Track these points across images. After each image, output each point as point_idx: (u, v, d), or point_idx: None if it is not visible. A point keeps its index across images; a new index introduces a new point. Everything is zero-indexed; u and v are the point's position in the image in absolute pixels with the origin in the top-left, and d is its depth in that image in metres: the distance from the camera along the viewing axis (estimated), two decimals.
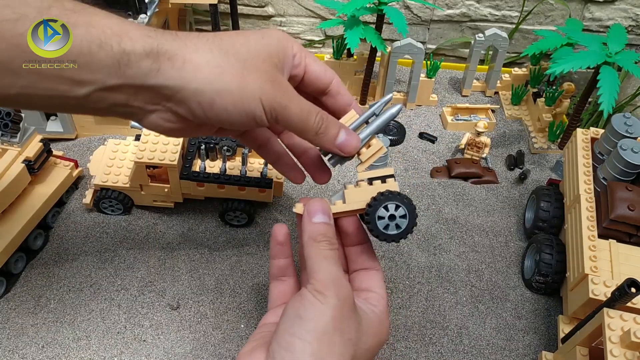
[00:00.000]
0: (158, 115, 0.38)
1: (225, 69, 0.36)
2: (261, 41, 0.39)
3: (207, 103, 0.36)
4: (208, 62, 0.36)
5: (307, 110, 0.39)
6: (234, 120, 0.37)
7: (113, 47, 0.33)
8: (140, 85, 0.35)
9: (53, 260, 0.67)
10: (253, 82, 0.37)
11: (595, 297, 0.53)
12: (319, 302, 0.35)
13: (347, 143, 0.41)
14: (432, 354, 0.60)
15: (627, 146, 0.64)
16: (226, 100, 0.36)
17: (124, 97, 0.35)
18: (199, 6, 1.02)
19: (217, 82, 0.36)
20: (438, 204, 0.77)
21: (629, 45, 1.06)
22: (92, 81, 0.34)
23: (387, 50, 0.89)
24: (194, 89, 0.35)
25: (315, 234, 0.39)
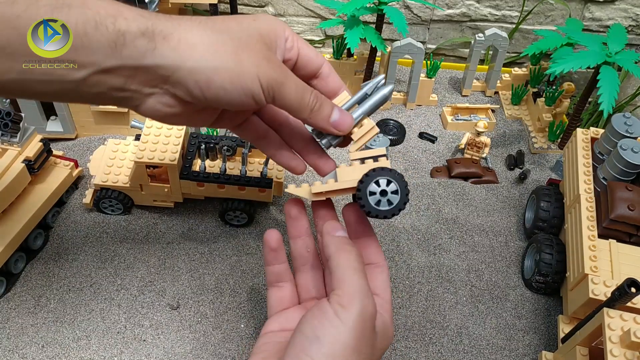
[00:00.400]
0: (156, 99, 0.37)
1: (220, 47, 0.36)
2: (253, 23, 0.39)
3: (204, 81, 0.36)
4: (203, 41, 0.36)
5: (303, 88, 0.39)
6: (232, 99, 0.37)
7: (108, 28, 0.33)
8: (137, 65, 0.35)
9: (53, 260, 0.67)
10: (249, 59, 0.37)
11: (595, 297, 0.53)
12: (340, 322, 0.34)
13: (341, 121, 0.41)
14: (432, 353, 0.60)
15: (627, 146, 0.64)
16: (223, 77, 0.36)
17: (121, 79, 0.35)
18: (199, 6, 1.02)
19: (213, 59, 0.36)
20: (438, 203, 0.77)
21: (629, 45, 1.06)
22: (89, 63, 0.34)
23: (387, 50, 0.89)
24: (190, 67, 0.35)
25: (343, 244, 0.39)
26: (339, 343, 0.33)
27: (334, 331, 0.34)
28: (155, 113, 0.38)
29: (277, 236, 0.44)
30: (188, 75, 0.35)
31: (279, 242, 0.44)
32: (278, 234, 0.44)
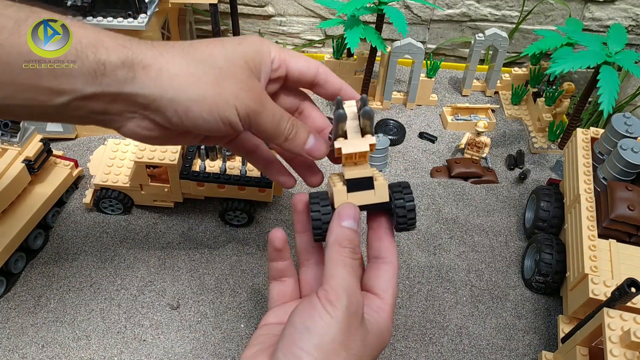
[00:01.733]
0: (136, 123, 0.38)
1: (200, 77, 0.37)
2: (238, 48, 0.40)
3: (182, 111, 0.37)
4: (183, 71, 0.37)
5: (279, 117, 0.40)
6: (210, 127, 0.38)
7: (89, 57, 0.34)
8: (117, 93, 0.36)
9: (53, 260, 0.67)
10: (228, 90, 0.38)
11: (595, 296, 0.53)
12: (328, 315, 0.35)
13: (314, 148, 0.42)
14: (432, 353, 0.60)
15: (627, 146, 0.64)
16: (201, 107, 0.37)
17: (101, 105, 0.36)
18: (199, 6, 1.02)
19: (192, 90, 0.37)
20: (438, 203, 0.77)
21: (629, 45, 1.06)
22: (70, 90, 0.35)
23: (387, 50, 0.89)
24: (170, 97, 0.36)
25: (341, 238, 0.39)
26: (328, 335, 0.34)
27: (323, 323, 0.34)
28: (135, 135, 0.39)
29: (282, 236, 0.44)
30: (167, 105, 0.37)
31: (284, 242, 0.44)
32: (283, 234, 0.44)
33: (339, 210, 0.40)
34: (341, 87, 0.46)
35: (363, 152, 0.40)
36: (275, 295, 0.45)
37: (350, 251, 0.38)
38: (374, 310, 0.40)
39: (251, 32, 1.13)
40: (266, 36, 1.13)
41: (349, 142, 0.40)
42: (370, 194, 0.41)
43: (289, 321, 0.36)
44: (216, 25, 0.77)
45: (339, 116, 0.39)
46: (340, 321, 0.35)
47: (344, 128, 0.40)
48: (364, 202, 0.41)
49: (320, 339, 0.34)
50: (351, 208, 0.40)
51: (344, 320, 0.35)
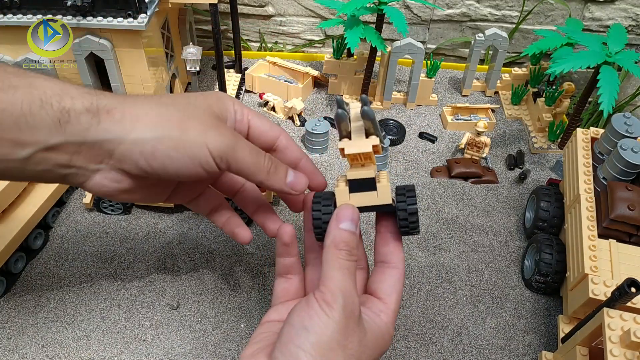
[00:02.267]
0: (102, 175, 0.38)
1: (165, 118, 0.37)
2: (201, 97, 0.40)
3: (148, 152, 0.36)
4: (147, 113, 0.37)
5: (257, 151, 0.40)
6: (180, 168, 0.37)
7: (53, 106, 0.34)
8: (82, 141, 0.35)
9: (53, 260, 0.67)
10: (195, 128, 0.37)
11: (595, 296, 0.53)
12: (325, 315, 0.35)
13: (296, 182, 0.42)
14: (432, 353, 0.60)
15: (627, 146, 0.64)
16: (168, 145, 0.36)
17: (66, 156, 0.36)
18: (199, 6, 1.02)
19: (157, 129, 0.36)
20: (438, 203, 0.77)
21: (629, 45, 1.06)
22: (34, 142, 0.34)
23: (387, 50, 0.89)
24: (134, 138, 0.36)
25: (338, 240, 0.39)
26: (325, 334, 0.34)
27: (321, 323, 0.35)
28: (102, 189, 0.38)
29: (291, 231, 0.44)
30: (132, 147, 0.36)
31: (292, 238, 0.44)
32: (292, 229, 0.44)
33: (337, 211, 0.40)
34: (301, 158, 0.45)
35: (366, 153, 0.39)
36: (280, 291, 0.45)
37: (347, 253, 0.38)
38: (375, 313, 0.40)
39: (251, 32, 1.13)
40: (266, 36, 1.13)
41: (352, 142, 0.39)
42: (372, 196, 0.40)
43: (287, 320, 0.36)
44: (216, 25, 0.77)
45: (338, 116, 0.38)
46: (337, 321, 0.35)
47: (348, 129, 0.40)
48: (366, 203, 0.41)
49: (317, 337, 0.34)
50: (349, 209, 0.40)
51: (341, 321, 0.35)
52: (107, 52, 0.71)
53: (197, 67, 0.80)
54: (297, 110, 0.90)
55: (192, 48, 0.78)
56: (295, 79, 0.99)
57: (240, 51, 0.99)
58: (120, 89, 0.76)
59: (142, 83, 0.76)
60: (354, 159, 0.40)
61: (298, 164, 0.45)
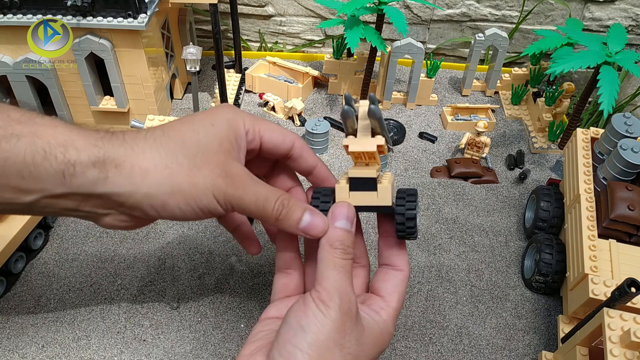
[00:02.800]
0: (113, 218, 0.38)
1: (174, 170, 0.37)
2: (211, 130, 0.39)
3: (159, 205, 0.37)
4: (156, 166, 0.36)
5: (264, 198, 0.39)
6: (188, 216, 0.38)
7: (57, 158, 0.34)
8: (89, 193, 0.35)
9: (53, 260, 0.67)
10: (203, 179, 0.37)
11: (595, 296, 0.53)
12: (321, 314, 0.35)
13: (311, 227, 0.39)
14: (432, 353, 0.60)
15: (627, 146, 0.64)
16: (177, 199, 0.37)
17: (73, 203, 0.36)
18: (199, 6, 1.02)
19: (167, 184, 0.36)
20: (438, 203, 0.77)
21: (629, 45, 1.06)
22: (38, 190, 0.34)
23: (387, 50, 0.89)
24: (144, 193, 0.36)
25: (333, 239, 0.38)
26: (322, 333, 0.34)
27: (317, 322, 0.35)
28: (113, 227, 0.39)
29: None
30: (143, 200, 0.36)
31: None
32: None
33: (332, 210, 0.40)
34: (316, 164, 0.45)
35: (370, 152, 0.39)
36: (279, 287, 0.45)
37: (342, 252, 0.38)
38: (374, 311, 0.40)
39: (251, 32, 1.13)
40: (266, 36, 1.13)
41: (356, 140, 0.39)
42: (372, 196, 0.40)
43: (285, 320, 0.36)
44: (216, 25, 0.77)
45: (344, 112, 0.38)
46: (334, 320, 0.35)
47: (354, 126, 0.40)
48: (364, 203, 0.40)
49: (314, 337, 0.34)
50: (344, 207, 0.39)
51: (337, 319, 0.35)
52: (107, 52, 0.71)
53: (197, 67, 0.80)
54: (297, 110, 0.90)
55: (192, 48, 0.78)
56: (295, 79, 0.99)
57: (240, 51, 0.99)
58: (120, 89, 0.76)
59: (142, 83, 0.76)
60: (357, 157, 0.40)
61: (312, 171, 0.45)
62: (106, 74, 0.74)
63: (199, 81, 0.99)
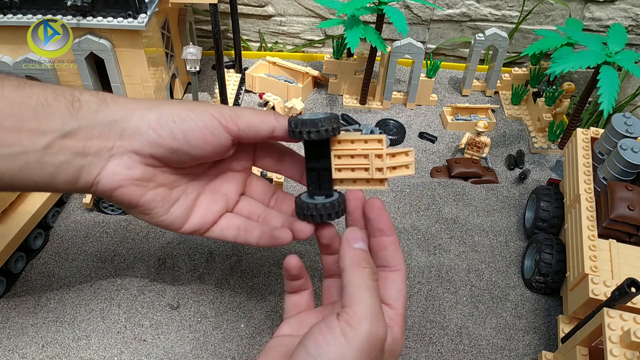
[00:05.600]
0: (116, 162, 0.40)
1: (166, 102, 0.42)
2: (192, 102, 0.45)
3: (155, 122, 0.40)
4: (149, 100, 0.42)
5: (259, 111, 0.42)
6: (189, 136, 0.41)
7: (66, 96, 0.39)
8: (93, 124, 0.39)
9: (53, 260, 0.67)
10: (198, 106, 0.41)
11: (595, 296, 0.53)
12: (345, 343, 0.33)
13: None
14: (432, 353, 0.60)
15: (627, 146, 0.64)
16: (172, 113, 0.40)
17: (81, 143, 0.39)
18: (199, 6, 1.02)
19: (161, 105, 0.41)
20: (438, 203, 0.77)
21: (629, 45, 1.06)
22: (51, 129, 0.37)
23: (387, 50, 0.89)
24: (140, 113, 0.40)
25: (358, 259, 0.38)
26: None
27: (338, 351, 0.33)
28: (117, 176, 0.40)
29: (297, 264, 0.43)
30: (139, 122, 0.40)
31: (300, 269, 0.43)
32: (298, 262, 0.43)
33: (345, 234, 0.40)
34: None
35: None
36: (290, 305, 0.44)
37: (370, 272, 0.37)
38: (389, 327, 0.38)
39: (251, 32, 1.13)
40: (266, 36, 1.13)
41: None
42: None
43: (302, 344, 0.34)
44: (216, 25, 0.76)
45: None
46: (357, 349, 0.33)
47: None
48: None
49: None
50: (357, 231, 0.40)
51: (362, 348, 0.33)
52: (107, 52, 0.71)
53: (197, 67, 0.80)
54: (297, 110, 0.90)
55: (192, 48, 0.78)
56: (295, 79, 0.99)
57: (240, 51, 0.99)
58: (120, 89, 0.76)
59: (142, 83, 0.76)
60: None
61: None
62: (106, 74, 0.74)
63: (199, 81, 0.99)
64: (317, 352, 0.33)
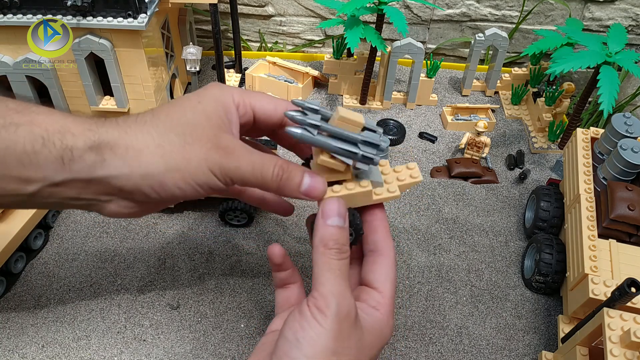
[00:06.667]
0: (116, 204, 0.38)
1: (166, 148, 0.37)
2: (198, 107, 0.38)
3: (157, 185, 0.37)
4: (148, 146, 0.36)
5: (261, 165, 0.38)
6: (189, 194, 0.38)
7: (55, 144, 0.34)
8: (89, 178, 0.36)
9: (53, 260, 0.67)
10: (196, 155, 0.37)
11: (595, 296, 0.53)
12: (317, 324, 0.34)
13: (312, 188, 0.39)
14: (432, 353, 0.60)
15: (627, 146, 0.64)
16: (175, 177, 0.37)
17: (74, 191, 0.36)
18: (199, 6, 1.02)
19: (161, 162, 0.36)
20: (438, 203, 0.77)
21: (629, 45, 1.06)
22: (40, 178, 0.35)
23: (387, 50, 0.89)
24: (141, 174, 0.36)
25: (326, 238, 0.37)
26: (318, 345, 0.34)
27: (313, 333, 0.34)
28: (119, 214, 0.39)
29: (280, 252, 0.43)
30: (141, 182, 0.36)
31: (282, 257, 0.43)
32: (280, 250, 0.43)
33: (322, 207, 0.38)
34: None
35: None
36: (281, 301, 0.45)
37: (337, 252, 0.37)
38: (372, 307, 0.39)
39: (251, 32, 1.13)
40: (266, 36, 1.13)
41: None
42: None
43: (281, 333, 0.36)
44: (216, 25, 0.76)
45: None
46: (330, 329, 0.34)
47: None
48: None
49: (311, 349, 0.34)
50: (334, 203, 0.38)
51: (334, 328, 0.34)
52: (107, 52, 0.71)
53: (197, 67, 0.80)
54: None
55: (192, 48, 0.78)
56: (295, 79, 0.99)
57: (240, 51, 0.99)
58: (120, 89, 0.76)
59: (142, 83, 0.76)
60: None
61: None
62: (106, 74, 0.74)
63: (199, 81, 0.99)
64: (294, 337, 0.34)
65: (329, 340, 0.34)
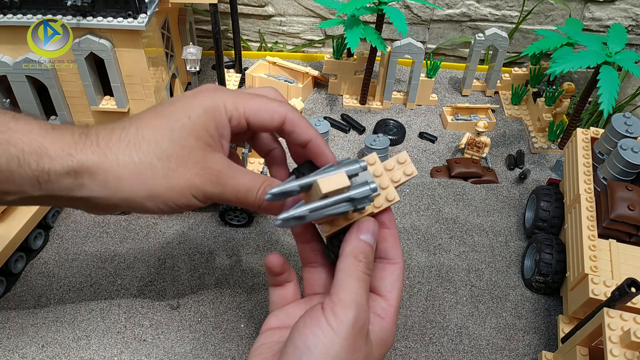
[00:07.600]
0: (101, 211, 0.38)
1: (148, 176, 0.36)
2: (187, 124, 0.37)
3: (139, 207, 0.37)
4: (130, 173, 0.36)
5: (245, 189, 0.38)
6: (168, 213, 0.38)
7: (31, 166, 0.34)
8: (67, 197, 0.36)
9: (53, 260, 0.67)
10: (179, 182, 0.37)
11: (595, 296, 0.53)
12: (331, 331, 0.33)
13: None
14: (432, 353, 0.60)
15: (627, 146, 0.64)
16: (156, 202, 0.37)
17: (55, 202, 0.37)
18: (199, 6, 1.02)
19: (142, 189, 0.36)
20: (438, 203, 0.77)
21: (629, 45, 1.06)
22: (17, 192, 0.35)
23: (387, 50, 0.89)
24: (121, 197, 0.36)
25: (358, 251, 0.37)
26: (329, 355, 0.33)
27: (326, 341, 0.33)
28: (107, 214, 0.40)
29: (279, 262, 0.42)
30: (121, 203, 0.36)
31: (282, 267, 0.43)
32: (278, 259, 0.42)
33: (359, 223, 0.39)
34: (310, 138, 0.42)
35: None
36: (276, 298, 0.44)
37: (365, 265, 0.37)
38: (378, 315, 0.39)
39: (251, 32, 1.13)
40: (266, 36, 1.13)
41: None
42: None
43: (290, 339, 0.35)
44: (216, 25, 0.76)
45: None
46: (344, 338, 0.33)
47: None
48: None
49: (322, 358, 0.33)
50: (371, 223, 0.39)
51: (348, 337, 0.33)
52: (107, 52, 0.71)
53: (197, 67, 0.80)
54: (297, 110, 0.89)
55: (192, 48, 0.78)
56: (295, 79, 0.99)
57: (240, 51, 0.99)
58: (120, 89, 0.76)
59: (142, 83, 0.76)
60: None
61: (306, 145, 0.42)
62: (106, 74, 0.74)
63: (199, 81, 0.99)
64: (305, 345, 0.33)
65: (342, 349, 0.33)
